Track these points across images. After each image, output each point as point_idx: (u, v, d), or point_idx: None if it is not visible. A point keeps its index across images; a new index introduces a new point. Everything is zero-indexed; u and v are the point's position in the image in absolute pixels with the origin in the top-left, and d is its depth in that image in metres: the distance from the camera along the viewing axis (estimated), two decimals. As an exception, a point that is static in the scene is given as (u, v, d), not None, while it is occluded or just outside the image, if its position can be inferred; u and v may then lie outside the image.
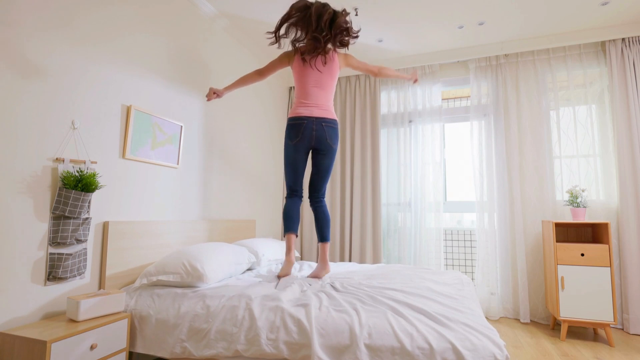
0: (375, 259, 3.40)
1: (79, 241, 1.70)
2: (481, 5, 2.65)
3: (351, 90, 3.71)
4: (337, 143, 2.15)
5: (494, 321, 2.96)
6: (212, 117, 2.74)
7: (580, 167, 2.99)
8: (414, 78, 2.46)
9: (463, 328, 1.35)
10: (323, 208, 2.21)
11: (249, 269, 2.45)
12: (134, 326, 1.69)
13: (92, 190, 1.69)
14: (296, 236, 2.16)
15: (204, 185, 2.63)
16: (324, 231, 2.17)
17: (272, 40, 3.15)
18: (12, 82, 1.48)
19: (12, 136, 1.48)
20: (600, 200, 2.91)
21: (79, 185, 1.64)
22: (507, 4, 2.64)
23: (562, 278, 2.56)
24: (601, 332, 2.71)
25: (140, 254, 2.02)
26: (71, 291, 1.70)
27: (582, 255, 2.54)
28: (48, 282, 1.60)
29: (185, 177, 2.45)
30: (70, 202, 1.61)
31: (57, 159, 1.64)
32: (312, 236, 3.69)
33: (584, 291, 2.51)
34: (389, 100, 3.63)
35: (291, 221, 2.14)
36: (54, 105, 1.63)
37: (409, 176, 3.46)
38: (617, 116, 2.83)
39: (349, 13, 2.06)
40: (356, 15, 2.64)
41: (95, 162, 1.80)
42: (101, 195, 1.85)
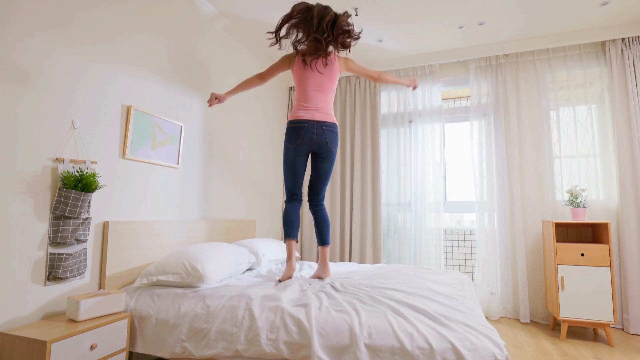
0: (375, 259, 3.40)
1: (79, 241, 1.70)
2: (481, 5, 2.65)
3: (351, 90, 3.71)
4: (337, 147, 2.15)
5: (494, 321, 2.96)
6: (212, 117, 2.74)
7: (580, 167, 2.99)
8: (413, 84, 2.45)
9: (463, 328, 1.34)
10: (323, 212, 2.20)
11: (249, 269, 2.45)
12: (134, 326, 1.69)
13: (92, 190, 1.69)
14: (296, 242, 2.14)
15: (204, 185, 2.63)
16: (324, 235, 2.16)
17: (273, 41, 3.15)
18: (12, 82, 1.48)
19: (12, 136, 1.48)
20: (600, 200, 2.91)
21: (79, 185, 1.64)
22: (507, 4, 2.64)
23: (562, 278, 2.56)
24: (601, 332, 2.71)
25: (140, 254, 2.02)
26: (71, 291, 1.70)
27: (582, 255, 2.54)
28: (48, 282, 1.60)
29: (185, 177, 2.45)
30: (70, 202, 1.61)
31: (57, 159, 1.64)
32: (311, 236, 3.69)
33: (584, 291, 2.51)
34: (389, 100, 3.63)
35: (291, 226, 2.12)
36: (54, 105, 1.64)
37: (409, 176, 3.45)
38: (617, 116, 2.83)
39: (350, 15, 2.05)
40: (356, 15, 2.64)
41: (95, 162, 1.80)
42: (101, 195, 1.85)
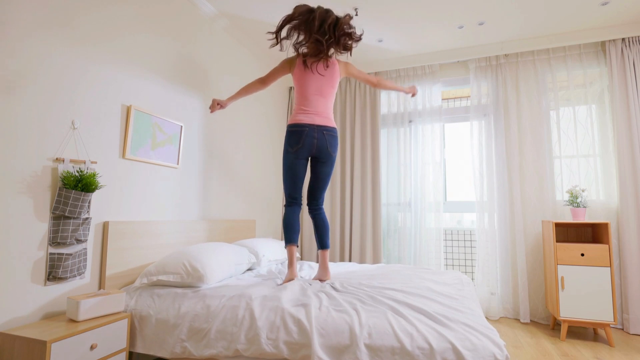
0: (375, 259, 3.40)
1: (79, 241, 1.70)
2: (481, 5, 2.65)
3: (351, 90, 3.71)
4: (336, 151, 2.14)
5: (494, 321, 2.96)
6: (212, 117, 2.74)
7: (580, 167, 2.99)
8: (412, 92, 2.47)
9: (463, 328, 1.34)
10: (322, 215, 2.20)
11: (249, 269, 2.45)
12: (134, 326, 1.69)
13: (92, 190, 1.69)
14: (297, 247, 2.14)
15: (204, 185, 2.63)
16: (323, 239, 2.15)
17: (274, 42, 3.15)
18: (12, 82, 1.48)
19: (12, 136, 1.48)
20: (600, 200, 2.91)
21: (79, 185, 1.64)
22: (507, 4, 2.64)
23: (562, 278, 2.56)
24: (601, 332, 2.71)
25: (140, 254, 2.02)
26: (71, 291, 1.70)
27: (582, 255, 2.54)
28: (48, 282, 1.60)
29: (185, 177, 2.45)
30: (70, 202, 1.61)
31: (57, 159, 1.64)
32: (311, 236, 3.69)
33: (584, 291, 2.51)
34: (389, 100, 3.63)
35: (292, 232, 2.11)
36: (54, 105, 1.64)
37: (409, 176, 3.45)
38: (617, 116, 2.83)
39: (352, 17, 2.04)
40: (356, 15, 2.64)
41: (95, 162, 1.80)
42: (101, 195, 1.85)
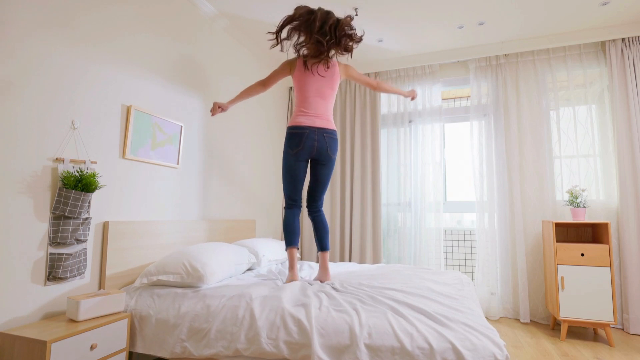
0: (375, 259, 3.40)
1: (79, 241, 1.70)
2: (481, 5, 2.65)
3: (351, 90, 3.71)
4: (336, 153, 2.14)
5: (494, 321, 2.96)
6: (212, 117, 2.74)
7: (580, 167, 2.99)
8: (411, 95, 2.47)
9: (463, 328, 1.34)
10: (322, 218, 2.19)
11: (249, 269, 2.45)
12: (134, 326, 1.69)
13: (92, 190, 1.69)
14: (297, 249, 2.13)
15: (204, 185, 2.63)
16: (323, 241, 2.15)
17: (274, 42, 3.15)
18: (12, 81, 1.48)
19: (12, 136, 1.48)
20: (600, 200, 2.91)
21: (79, 185, 1.64)
22: (507, 4, 2.64)
23: (562, 278, 2.56)
24: (601, 332, 2.71)
25: (140, 254, 2.02)
26: (71, 291, 1.70)
27: (582, 255, 2.54)
28: (48, 282, 1.60)
29: (185, 177, 2.45)
30: (70, 202, 1.61)
31: (57, 159, 1.64)
32: (311, 237, 3.69)
33: (584, 291, 2.51)
34: (389, 100, 3.63)
35: (292, 234, 2.11)
36: (54, 105, 1.64)
37: (409, 176, 3.45)
38: (617, 116, 2.83)
39: (352, 19, 2.04)
40: (356, 15, 2.64)
41: (95, 162, 1.80)
42: (101, 195, 1.85)
